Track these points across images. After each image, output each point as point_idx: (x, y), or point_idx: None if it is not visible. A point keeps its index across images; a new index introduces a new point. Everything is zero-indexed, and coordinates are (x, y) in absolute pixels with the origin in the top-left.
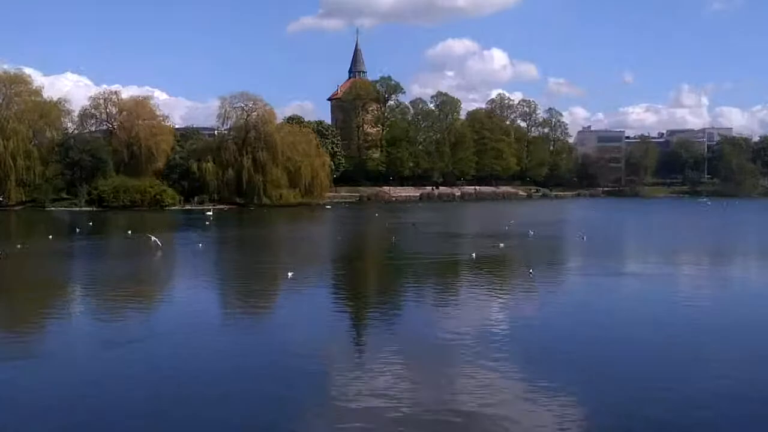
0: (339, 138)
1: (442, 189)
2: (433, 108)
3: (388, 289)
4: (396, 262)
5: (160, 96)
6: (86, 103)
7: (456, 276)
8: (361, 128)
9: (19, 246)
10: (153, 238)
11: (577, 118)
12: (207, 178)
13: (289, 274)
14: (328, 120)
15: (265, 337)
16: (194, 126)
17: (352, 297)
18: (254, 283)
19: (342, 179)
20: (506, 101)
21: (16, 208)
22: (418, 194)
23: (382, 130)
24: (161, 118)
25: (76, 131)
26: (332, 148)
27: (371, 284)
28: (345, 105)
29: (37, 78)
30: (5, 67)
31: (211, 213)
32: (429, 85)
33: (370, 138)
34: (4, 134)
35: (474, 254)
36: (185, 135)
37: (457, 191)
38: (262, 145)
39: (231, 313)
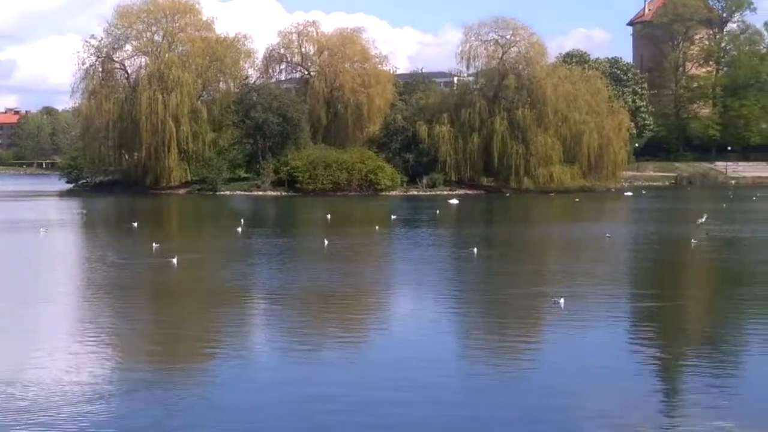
0: (645, 86)
1: None
2: None
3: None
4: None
5: (376, 27)
6: (274, 40)
7: None
8: (681, 69)
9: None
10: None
11: None
12: (441, 148)
13: (561, 300)
14: (627, 57)
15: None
16: (424, 71)
17: (668, 346)
18: (512, 309)
19: (648, 150)
20: None
21: (180, 191)
22: None
23: (716, 72)
24: (377, 61)
25: (259, 81)
26: (634, 101)
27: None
28: (656, 32)
29: (210, 4)
30: None
31: (455, 201)
32: None
33: (695, 84)
34: (165, 86)
35: None
36: (411, 85)
37: None
38: (525, 99)
39: (471, 360)
